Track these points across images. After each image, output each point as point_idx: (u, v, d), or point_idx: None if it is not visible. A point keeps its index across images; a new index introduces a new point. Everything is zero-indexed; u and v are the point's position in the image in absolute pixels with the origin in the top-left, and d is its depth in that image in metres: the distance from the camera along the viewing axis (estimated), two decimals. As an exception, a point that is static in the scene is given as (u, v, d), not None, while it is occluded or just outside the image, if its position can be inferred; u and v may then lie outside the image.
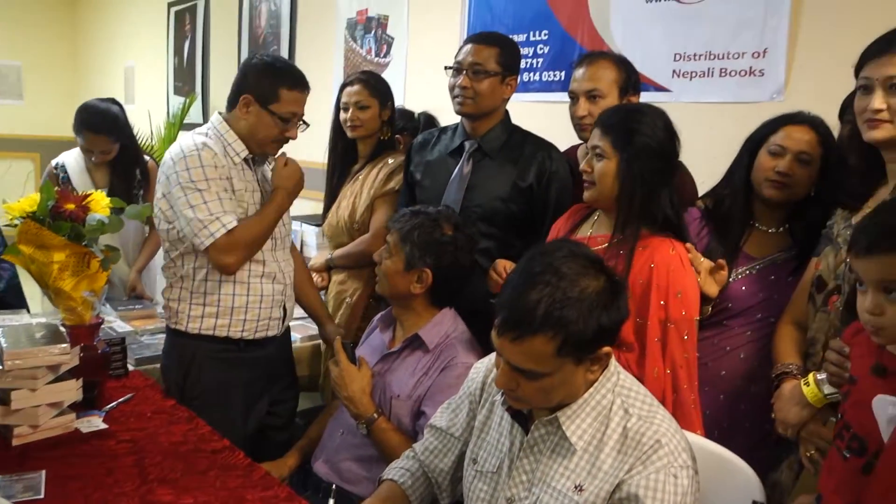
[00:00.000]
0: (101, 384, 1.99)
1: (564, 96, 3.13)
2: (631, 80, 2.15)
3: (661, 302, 1.64)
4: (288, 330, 2.30)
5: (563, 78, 3.25)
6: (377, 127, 2.59)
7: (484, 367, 1.51)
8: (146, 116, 6.26)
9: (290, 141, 2.12)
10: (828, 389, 1.47)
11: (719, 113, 2.76)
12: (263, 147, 2.07)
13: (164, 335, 2.56)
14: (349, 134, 2.59)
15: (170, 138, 5.79)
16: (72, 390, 1.79)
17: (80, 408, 1.87)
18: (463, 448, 1.50)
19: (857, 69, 1.56)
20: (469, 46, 2.16)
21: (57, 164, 3.17)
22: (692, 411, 1.64)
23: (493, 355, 1.51)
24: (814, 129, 1.89)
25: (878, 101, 1.47)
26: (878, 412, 1.18)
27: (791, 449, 1.65)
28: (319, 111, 4.52)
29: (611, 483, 1.23)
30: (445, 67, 2.21)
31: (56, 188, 1.93)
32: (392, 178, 2.49)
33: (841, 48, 2.42)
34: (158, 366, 2.31)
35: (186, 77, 6.14)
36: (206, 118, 5.89)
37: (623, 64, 2.17)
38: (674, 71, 2.87)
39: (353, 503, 1.80)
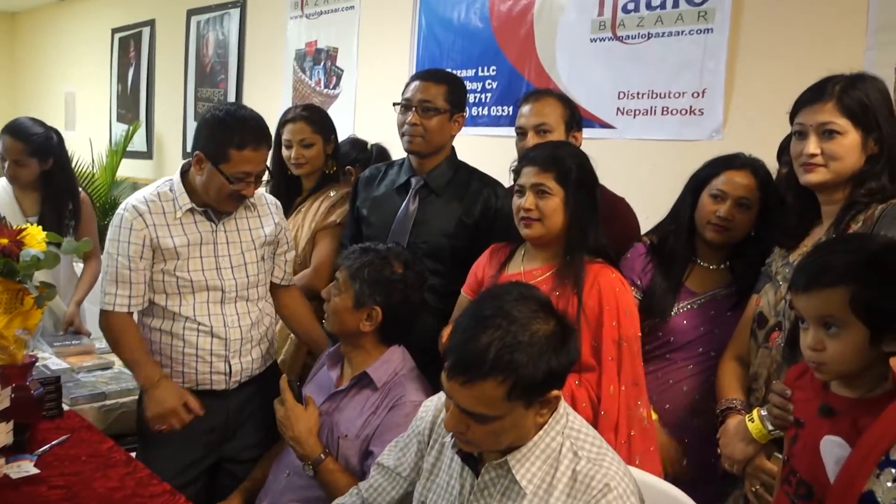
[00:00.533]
0: (34, 426, 1.90)
1: (513, 131, 3.24)
2: (575, 116, 2.21)
3: (614, 323, 1.72)
4: (261, 387, 2.14)
5: (510, 113, 3.30)
6: (322, 162, 2.58)
7: (433, 407, 1.50)
8: (87, 144, 6.12)
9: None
10: (772, 426, 1.50)
11: (661, 150, 2.84)
12: (220, 204, 1.99)
13: (101, 371, 2.51)
14: (294, 171, 2.56)
15: (112, 166, 5.66)
16: (1, 434, 1.71)
17: (11, 452, 1.78)
18: (409, 488, 1.49)
19: (792, 115, 1.63)
20: (417, 83, 2.18)
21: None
22: (649, 428, 1.72)
23: (442, 394, 1.49)
24: (753, 174, 1.95)
25: (811, 146, 1.54)
26: (826, 454, 1.21)
27: (736, 483, 1.68)
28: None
29: None
30: (394, 104, 2.22)
31: (-11, 222, 1.84)
32: (333, 210, 2.47)
33: (775, 90, 2.53)
34: (96, 405, 2.23)
35: (130, 104, 6.03)
36: (149, 146, 5.80)
37: (567, 101, 2.23)
38: (618, 108, 2.95)
39: (298, 547, 1.75)
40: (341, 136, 2.83)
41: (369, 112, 4.03)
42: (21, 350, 1.89)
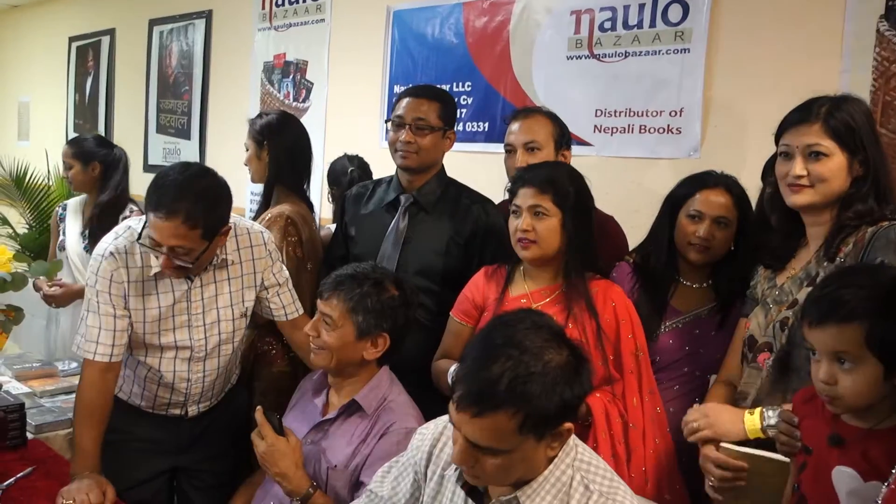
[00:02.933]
0: (-3, 458, 1.80)
1: (487, 147, 3.24)
2: (565, 135, 2.21)
3: (630, 335, 1.74)
4: (220, 402, 2.13)
5: (486, 129, 3.28)
6: (263, 169, 2.46)
7: (430, 436, 1.44)
8: (42, 154, 5.92)
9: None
10: (772, 431, 1.46)
11: (639, 167, 2.85)
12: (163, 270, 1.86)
13: (66, 396, 2.39)
14: None
15: (69, 178, 5.48)
16: (-36, 468, 1.61)
17: (-27, 486, 1.68)
18: None
19: (778, 135, 1.63)
20: (410, 101, 2.14)
21: (63, 204, 3.20)
22: (667, 433, 1.75)
23: (438, 421, 1.45)
24: (728, 192, 1.98)
25: (798, 167, 1.54)
26: (838, 485, 1.19)
27: None
28: (236, 154, 4.43)
29: None
30: (386, 121, 2.18)
31: None
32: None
33: (752, 109, 2.57)
34: (62, 433, 2.12)
35: (88, 115, 5.86)
36: (108, 158, 5.62)
37: (556, 119, 2.22)
38: (595, 126, 2.95)
39: (283, 581, 1.68)
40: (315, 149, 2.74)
41: (340, 125, 3.97)
42: (-16, 377, 1.79)
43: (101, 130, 5.66)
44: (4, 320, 1.75)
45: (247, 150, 2.47)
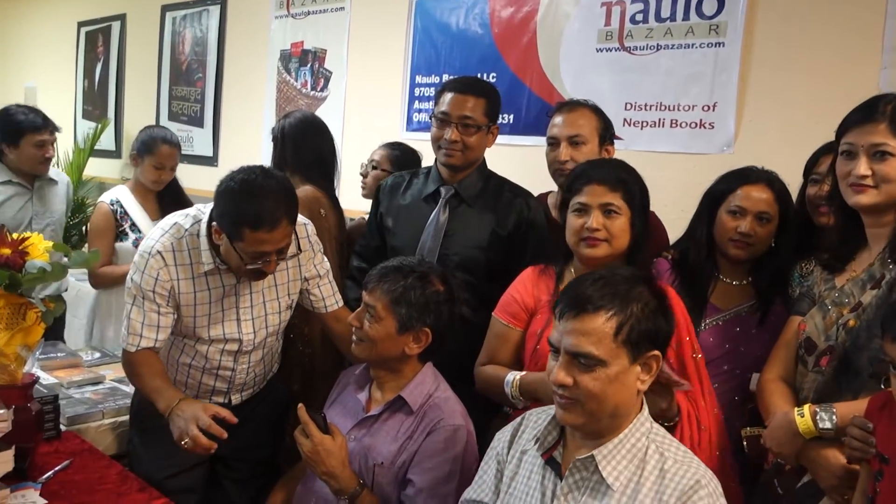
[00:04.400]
0: (34, 450, 1.77)
1: (513, 139, 3.20)
2: (609, 129, 2.18)
3: (688, 338, 1.71)
4: (260, 391, 2.15)
5: (510, 120, 3.24)
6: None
7: (510, 428, 1.50)
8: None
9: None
10: (823, 424, 1.45)
11: (670, 162, 2.82)
12: (241, 276, 1.87)
13: (93, 387, 2.36)
14: None
15: (78, 164, 5.44)
16: (6, 461, 1.58)
17: (12, 479, 1.65)
18: None
19: (839, 134, 1.60)
20: (456, 97, 2.09)
21: (112, 200, 3.01)
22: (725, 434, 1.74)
23: (516, 420, 1.49)
24: (770, 187, 1.95)
25: (862, 167, 1.51)
26: None
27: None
28: (251, 142, 4.40)
29: None
30: (431, 116, 2.13)
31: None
32: None
33: (788, 105, 2.54)
34: (94, 424, 2.10)
35: (98, 101, 5.80)
36: (118, 145, 5.59)
37: (601, 114, 2.19)
38: (625, 119, 2.91)
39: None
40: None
41: (359, 115, 3.93)
42: (21, 369, 1.77)
43: (111, 117, 5.60)
44: (45, 311, 1.71)
45: None
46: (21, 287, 1.70)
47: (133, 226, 2.95)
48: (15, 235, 1.76)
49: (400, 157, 2.72)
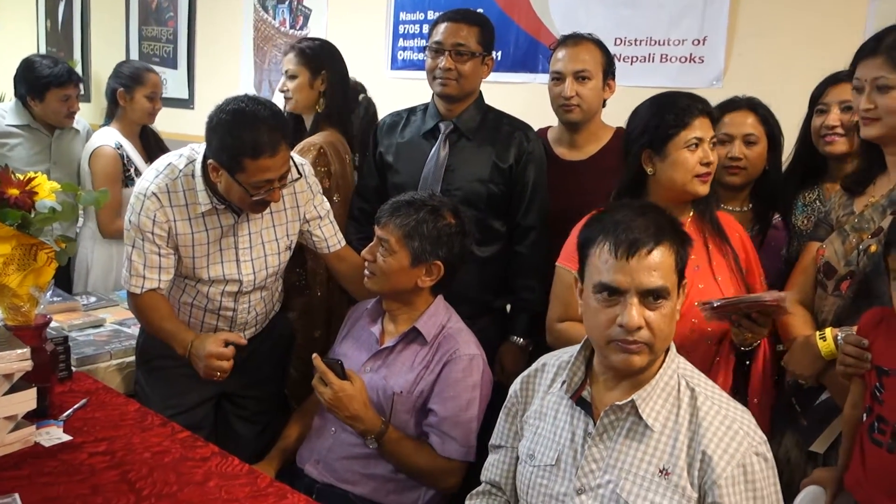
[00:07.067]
0: (51, 390, 1.78)
1: (499, 76, 3.18)
2: (612, 63, 2.20)
3: (757, 262, 1.79)
4: (264, 328, 2.15)
5: (499, 57, 3.22)
6: (311, 99, 2.39)
7: (520, 378, 1.52)
8: (10, 83, 5.64)
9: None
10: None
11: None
12: (245, 208, 1.86)
13: (94, 330, 2.37)
14: (285, 106, 2.39)
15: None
16: (29, 400, 1.59)
17: (35, 418, 1.67)
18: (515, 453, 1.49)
19: (851, 69, 1.63)
20: (449, 25, 2.09)
21: (116, 144, 2.91)
22: None
23: (529, 370, 1.51)
24: (752, 111, 2.03)
25: (864, 101, 1.56)
26: None
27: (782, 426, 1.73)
28: (227, 83, 4.30)
29: (695, 460, 1.25)
30: (424, 48, 2.12)
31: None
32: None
33: (778, 38, 2.57)
34: (103, 365, 2.11)
35: (62, 42, 5.59)
36: (87, 88, 5.40)
37: (603, 47, 2.20)
38: (615, 55, 2.91)
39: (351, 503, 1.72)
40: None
41: (342, 55, 3.85)
42: (34, 309, 1.76)
43: (78, 58, 5.41)
44: (59, 251, 1.70)
45: (291, 77, 2.36)
46: (32, 227, 1.69)
47: (137, 171, 2.88)
48: (20, 176, 1.73)
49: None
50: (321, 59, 2.40)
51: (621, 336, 1.27)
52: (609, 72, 2.18)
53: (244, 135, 1.70)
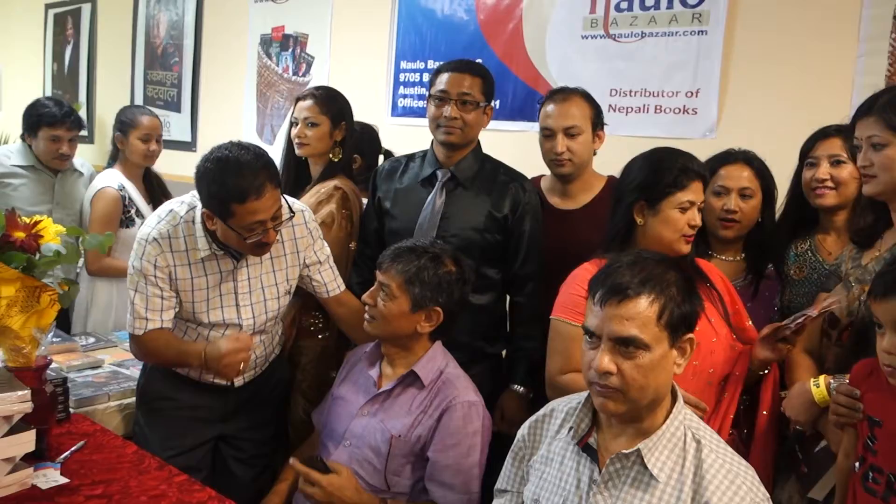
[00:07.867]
0: (49, 431, 1.79)
1: (496, 124, 3.25)
2: (600, 115, 2.25)
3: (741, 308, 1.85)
4: (264, 371, 2.16)
5: (497, 106, 3.30)
6: (326, 147, 2.43)
7: (528, 422, 1.53)
8: (17, 125, 5.73)
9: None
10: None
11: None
12: (245, 252, 1.90)
13: (92, 371, 2.38)
14: (297, 151, 2.43)
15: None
16: (28, 442, 1.60)
17: (32, 460, 1.67)
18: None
19: (851, 127, 1.68)
20: (453, 75, 2.14)
21: (119, 185, 2.97)
22: None
23: (538, 415, 1.52)
24: (748, 164, 2.08)
25: (861, 158, 1.61)
26: None
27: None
28: (231, 127, 4.37)
29: None
30: (429, 96, 2.18)
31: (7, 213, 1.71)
32: (319, 208, 2.31)
33: (769, 91, 2.64)
34: (101, 406, 2.12)
35: (68, 85, 5.70)
36: (91, 130, 5.50)
37: (591, 100, 2.25)
38: (610, 105, 2.99)
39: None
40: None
41: (343, 101, 3.93)
42: (35, 351, 1.78)
43: (83, 101, 5.51)
44: (63, 294, 1.73)
45: (312, 124, 2.38)
46: (36, 269, 1.71)
47: (138, 212, 2.94)
48: (26, 219, 1.77)
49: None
50: (343, 110, 2.47)
51: (595, 379, 1.29)
52: (598, 123, 2.24)
53: (228, 181, 1.74)
